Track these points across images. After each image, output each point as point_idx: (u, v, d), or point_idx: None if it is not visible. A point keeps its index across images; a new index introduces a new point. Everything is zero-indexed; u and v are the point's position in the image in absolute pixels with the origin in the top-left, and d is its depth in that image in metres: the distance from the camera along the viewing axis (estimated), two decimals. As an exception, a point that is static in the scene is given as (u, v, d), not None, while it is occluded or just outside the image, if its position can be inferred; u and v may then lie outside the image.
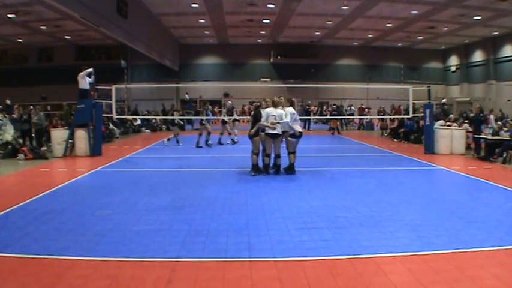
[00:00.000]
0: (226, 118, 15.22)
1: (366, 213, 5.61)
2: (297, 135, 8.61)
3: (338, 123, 21.24)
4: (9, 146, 11.70)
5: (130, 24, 17.53)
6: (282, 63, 32.85)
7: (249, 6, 21.16)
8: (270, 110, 8.42)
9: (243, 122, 21.35)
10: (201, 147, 13.91)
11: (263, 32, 28.39)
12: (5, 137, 11.82)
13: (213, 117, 17.22)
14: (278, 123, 8.28)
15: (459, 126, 13.37)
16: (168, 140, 14.86)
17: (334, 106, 25.77)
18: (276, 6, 21.31)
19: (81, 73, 12.04)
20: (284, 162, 8.87)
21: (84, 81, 12.01)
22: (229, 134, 15.22)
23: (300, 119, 24.06)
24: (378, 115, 23.42)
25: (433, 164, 10.32)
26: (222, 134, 15.15)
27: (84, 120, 11.97)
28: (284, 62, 32.70)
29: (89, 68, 12.37)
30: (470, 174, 8.82)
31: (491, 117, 14.75)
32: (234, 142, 15.14)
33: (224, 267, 3.82)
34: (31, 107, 15.35)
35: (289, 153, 8.69)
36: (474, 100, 27.29)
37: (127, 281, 3.53)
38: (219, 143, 14.66)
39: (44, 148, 12.26)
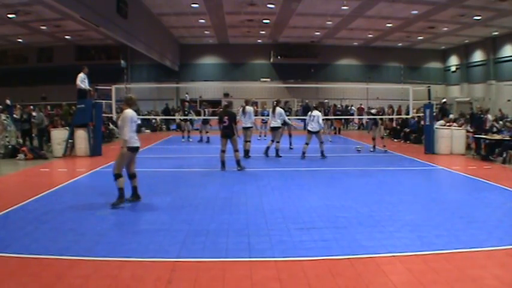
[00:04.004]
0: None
1: (366, 213, 5.61)
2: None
3: (342, 122, 21.40)
4: (10, 146, 11.70)
5: (130, 24, 17.52)
6: (282, 63, 32.85)
7: (249, 6, 21.15)
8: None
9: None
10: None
11: (263, 32, 28.38)
12: (11, 140, 11.82)
13: (199, 117, 17.34)
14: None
15: (459, 126, 13.37)
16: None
17: (340, 107, 25.68)
18: (276, 6, 21.30)
19: (79, 78, 12.03)
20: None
21: (82, 84, 12.05)
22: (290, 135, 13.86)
23: (300, 119, 24.06)
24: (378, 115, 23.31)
25: (433, 164, 10.32)
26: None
27: (84, 120, 11.98)
28: (284, 62, 32.70)
29: (86, 69, 12.37)
30: (470, 174, 8.82)
31: (489, 116, 14.77)
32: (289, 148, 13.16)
33: (224, 267, 3.82)
34: (31, 107, 15.35)
35: (245, 141, 11.19)
36: (474, 100, 27.27)
37: (127, 281, 3.53)
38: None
39: (43, 151, 12.16)
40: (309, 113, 11.28)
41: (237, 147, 9.29)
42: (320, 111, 11.37)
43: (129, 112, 6.03)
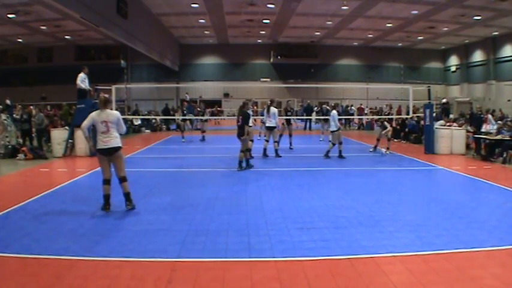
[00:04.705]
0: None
1: (366, 213, 5.61)
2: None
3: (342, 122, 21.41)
4: (9, 146, 11.70)
5: (130, 24, 17.52)
6: (282, 63, 32.86)
7: (249, 6, 21.16)
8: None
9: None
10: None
11: (263, 32, 28.39)
12: (11, 140, 11.82)
13: (196, 117, 17.41)
14: None
15: (459, 126, 13.38)
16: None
17: (341, 107, 25.65)
18: (276, 6, 21.31)
19: (79, 78, 12.04)
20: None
21: (82, 84, 12.06)
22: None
23: (300, 119, 24.02)
24: (377, 115, 23.36)
25: (433, 164, 10.32)
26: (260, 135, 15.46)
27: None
28: (284, 62, 32.71)
29: (86, 69, 12.39)
30: (470, 174, 8.82)
31: (490, 116, 14.76)
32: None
33: (224, 267, 3.82)
34: (31, 107, 15.35)
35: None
36: (474, 100, 27.27)
37: (127, 281, 3.53)
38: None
39: (43, 151, 12.17)
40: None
41: (245, 148, 9.36)
42: (338, 111, 11.69)
43: (90, 114, 5.89)
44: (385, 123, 12.89)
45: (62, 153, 11.71)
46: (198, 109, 19.11)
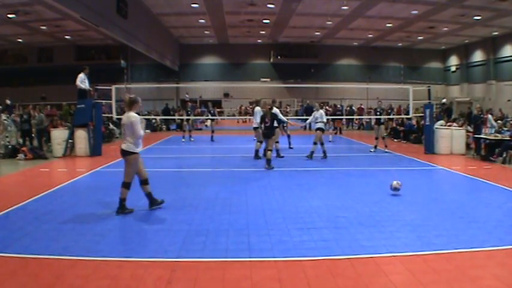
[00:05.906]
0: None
1: (366, 213, 5.61)
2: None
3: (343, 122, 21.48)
4: (9, 146, 11.71)
5: (130, 24, 17.52)
6: (282, 63, 32.86)
7: (249, 6, 21.16)
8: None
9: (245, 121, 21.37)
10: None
11: (263, 32, 28.39)
12: (11, 140, 11.83)
13: (197, 117, 17.52)
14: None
15: (459, 126, 13.37)
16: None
17: (340, 107, 25.66)
18: (276, 6, 21.31)
19: (79, 78, 12.05)
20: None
21: (82, 84, 12.07)
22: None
23: (299, 119, 24.14)
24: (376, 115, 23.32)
25: (433, 164, 10.32)
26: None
27: (84, 120, 11.98)
28: (284, 62, 32.72)
29: (87, 70, 12.38)
30: (470, 174, 8.82)
31: (489, 116, 14.73)
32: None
33: (224, 267, 3.82)
34: (31, 106, 15.35)
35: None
36: (474, 100, 27.28)
37: (127, 281, 3.53)
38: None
39: (43, 151, 12.17)
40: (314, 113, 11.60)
41: (271, 147, 9.56)
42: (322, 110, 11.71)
43: None
44: (380, 119, 12.95)
45: (62, 153, 11.71)
46: (198, 110, 19.17)
